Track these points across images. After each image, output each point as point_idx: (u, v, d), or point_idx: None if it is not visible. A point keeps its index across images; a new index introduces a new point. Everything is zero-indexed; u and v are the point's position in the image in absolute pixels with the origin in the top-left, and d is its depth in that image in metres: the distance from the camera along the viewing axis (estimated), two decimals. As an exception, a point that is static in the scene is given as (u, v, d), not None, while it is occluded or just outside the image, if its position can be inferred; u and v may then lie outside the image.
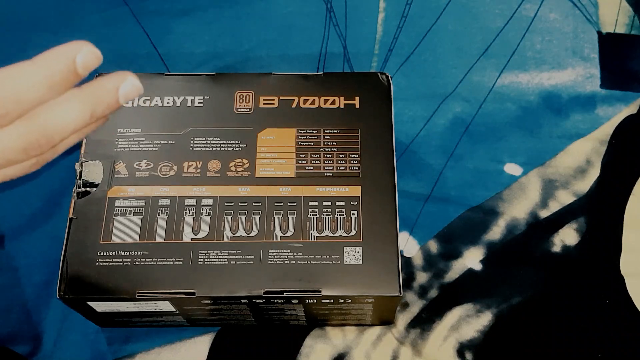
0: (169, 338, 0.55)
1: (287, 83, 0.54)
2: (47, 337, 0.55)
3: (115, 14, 0.69)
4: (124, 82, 0.31)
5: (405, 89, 0.65)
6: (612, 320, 0.55)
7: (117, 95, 0.31)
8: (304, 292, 0.47)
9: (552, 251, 0.58)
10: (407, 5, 0.69)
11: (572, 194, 0.60)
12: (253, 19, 0.69)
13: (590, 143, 0.62)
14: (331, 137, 0.52)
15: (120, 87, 0.31)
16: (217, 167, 0.51)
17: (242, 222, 0.49)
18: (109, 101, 0.31)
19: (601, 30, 0.67)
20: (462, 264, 0.57)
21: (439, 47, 0.67)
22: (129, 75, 0.32)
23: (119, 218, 0.49)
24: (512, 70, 0.66)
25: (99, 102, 0.31)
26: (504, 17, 0.68)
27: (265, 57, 0.67)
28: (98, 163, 0.50)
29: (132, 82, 0.32)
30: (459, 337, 0.54)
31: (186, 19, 0.69)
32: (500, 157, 0.62)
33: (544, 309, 0.55)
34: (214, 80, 0.54)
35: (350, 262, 0.48)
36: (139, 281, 0.47)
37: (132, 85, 0.32)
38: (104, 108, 0.31)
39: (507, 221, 0.59)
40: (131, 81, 0.32)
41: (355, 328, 0.55)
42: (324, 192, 0.50)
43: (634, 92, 0.64)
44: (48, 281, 0.57)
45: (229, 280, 0.47)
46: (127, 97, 0.31)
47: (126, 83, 0.31)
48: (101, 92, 0.31)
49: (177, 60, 0.67)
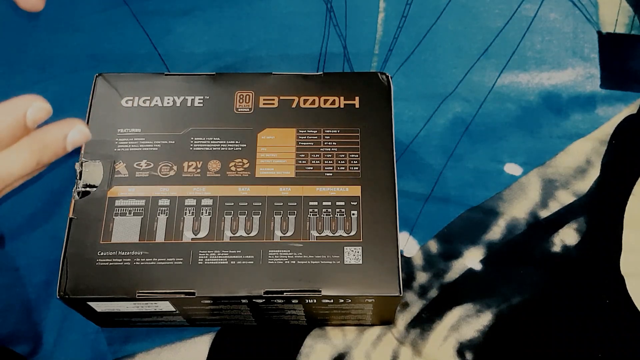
0: (169, 338, 0.55)
1: (287, 83, 0.54)
2: (47, 337, 0.55)
3: (115, 14, 0.69)
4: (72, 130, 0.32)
5: (405, 89, 0.65)
6: (612, 320, 0.55)
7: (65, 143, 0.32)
8: (304, 292, 0.47)
9: (552, 251, 0.58)
10: (407, 5, 0.69)
11: (572, 194, 0.60)
12: (253, 19, 0.69)
13: (590, 143, 0.62)
14: (331, 137, 0.52)
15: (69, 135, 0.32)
16: (217, 167, 0.51)
17: (242, 222, 0.49)
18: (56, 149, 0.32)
19: (601, 30, 0.67)
20: (462, 264, 0.57)
21: (439, 47, 0.67)
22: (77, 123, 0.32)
23: (119, 218, 0.49)
24: (512, 70, 0.66)
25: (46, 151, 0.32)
26: (504, 17, 0.68)
27: (265, 57, 0.67)
28: (98, 163, 0.50)
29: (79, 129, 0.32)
30: (459, 337, 0.54)
31: (186, 19, 0.69)
32: (500, 157, 0.62)
33: (544, 309, 0.55)
34: (214, 80, 0.54)
35: (350, 262, 0.48)
36: (139, 281, 0.47)
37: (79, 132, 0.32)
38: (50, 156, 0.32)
39: (507, 221, 0.59)
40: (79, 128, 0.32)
41: (355, 328, 0.55)
42: (324, 192, 0.50)
43: (634, 92, 0.64)
44: (48, 281, 0.57)
45: (229, 280, 0.47)
46: (75, 144, 0.32)
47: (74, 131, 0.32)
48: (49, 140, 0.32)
49: (177, 60, 0.67)
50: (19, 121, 0.30)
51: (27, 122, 0.31)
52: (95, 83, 0.54)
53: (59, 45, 0.68)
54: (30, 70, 0.66)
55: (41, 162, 0.32)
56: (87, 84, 0.54)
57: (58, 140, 0.32)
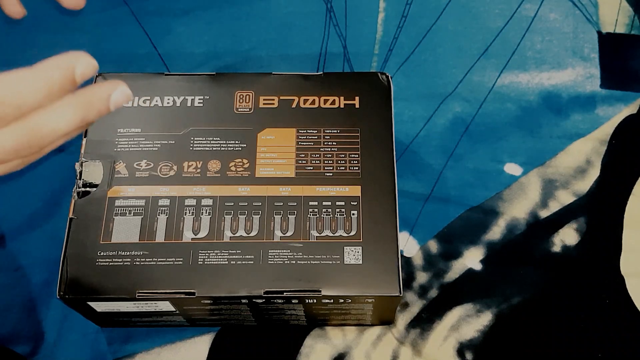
0: (169, 338, 0.55)
1: (287, 83, 0.54)
2: (47, 337, 0.55)
3: (115, 14, 0.69)
4: (116, 90, 0.33)
5: (405, 89, 0.65)
6: (612, 320, 0.55)
7: (109, 102, 0.33)
8: (304, 292, 0.47)
9: (552, 251, 0.58)
10: (407, 5, 0.69)
11: (572, 194, 0.60)
12: (253, 19, 0.69)
13: (590, 143, 0.62)
14: (331, 137, 0.52)
15: (112, 95, 0.33)
16: (217, 167, 0.51)
17: (242, 222, 0.49)
18: (100, 108, 0.33)
19: (601, 30, 0.67)
20: (462, 263, 0.57)
21: (439, 47, 0.67)
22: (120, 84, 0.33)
23: (119, 218, 0.49)
24: (512, 70, 0.66)
25: (91, 109, 0.32)
26: (504, 17, 0.68)
27: (265, 57, 0.67)
28: (98, 163, 0.50)
29: (122, 90, 0.33)
30: (459, 337, 0.54)
31: (186, 19, 0.69)
32: (500, 157, 0.62)
33: (544, 309, 0.55)
34: (214, 80, 0.54)
35: (350, 262, 0.48)
36: (139, 281, 0.47)
37: (122, 93, 0.33)
38: (94, 114, 0.32)
39: (507, 221, 0.59)
40: (122, 89, 0.33)
41: (355, 328, 0.55)
42: (324, 192, 0.50)
43: (634, 92, 0.64)
44: (48, 281, 0.57)
45: (229, 280, 0.47)
46: (117, 105, 0.33)
47: (117, 91, 0.33)
48: (94, 99, 0.32)
49: (177, 60, 0.67)
50: (68, 76, 0.31)
51: (75, 77, 0.31)
52: (95, 83, 0.54)
53: (59, 45, 0.68)
54: (30, 70, 0.66)
55: (85, 120, 0.32)
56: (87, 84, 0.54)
57: (103, 99, 0.33)
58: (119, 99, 0.33)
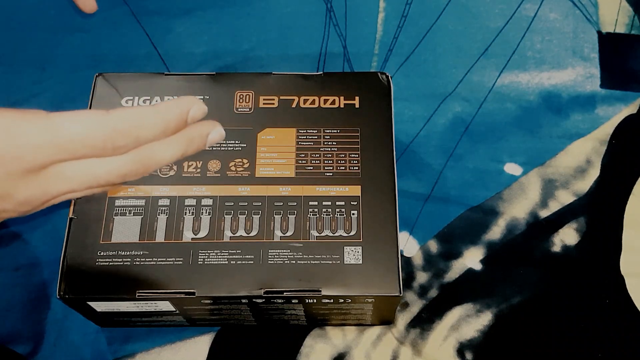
0: (169, 338, 0.55)
1: (287, 83, 0.54)
2: (47, 337, 0.55)
3: (115, 14, 0.69)
4: (213, 130, 0.37)
5: (405, 89, 0.65)
6: (612, 320, 0.55)
7: (206, 140, 0.37)
8: (304, 292, 0.47)
9: (552, 251, 0.58)
10: (407, 5, 0.69)
11: (572, 194, 0.60)
12: (253, 19, 0.69)
13: (590, 143, 0.62)
14: (331, 137, 0.52)
15: (210, 134, 0.37)
16: (217, 166, 0.51)
17: (242, 222, 0.49)
18: (198, 145, 0.36)
19: (601, 30, 0.67)
20: (462, 263, 0.57)
21: (439, 47, 0.67)
22: (217, 125, 0.37)
23: (119, 218, 0.49)
24: (512, 70, 0.66)
25: (191, 145, 0.36)
26: (504, 16, 0.68)
27: (265, 57, 0.67)
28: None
29: (218, 130, 0.37)
30: (459, 337, 0.54)
31: (186, 19, 0.69)
32: (500, 157, 0.62)
33: (544, 309, 0.55)
34: (214, 80, 0.54)
35: (350, 262, 0.48)
36: (139, 281, 0.47)
37: (218, 132, 0.37)
38: (193, 150, 0.36)
39: (507, 221, 0.59)
40: (218, 130, 0.37)
41: (355, 328, 0.55)
42: (324, 192, 0.50)
43: (634, 92, 0.64)
44: (48, 281, 0.57)
45: (229, 280, 0.47)
46: (212, 143, 0.37)
47: (214, 131, 0.37)
48: (195, 136, 0.36)
49: (177, 60, 0.67)
50: (183, 118, 0.35)
51: (188, 119, 0.35)
52: (95, 83, 0.54)
53: (59, 45, 0.68)
54: (30, 70, 0.66)
55: (184, 155, 0.36)
56: (87, 84, 0.54)
57: (202, 137, 0.36)
58: (215, 137, 0.37)
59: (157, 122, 0.34)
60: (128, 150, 0.34)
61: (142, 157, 0.35)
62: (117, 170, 0.34)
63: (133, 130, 0.33)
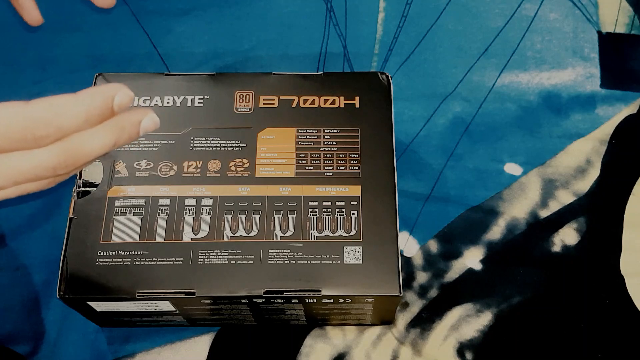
0: (169, 338, 0.55)
1: (287, 83, 0.54)
2: (47, 337, 0.55)
3: (115, 14, 0.69)
4: (146, 117, 0.36)
5: (405, 89, 0.65)
6: (612, 320, 0.55)
7: (139, 128, 0.36)
8: (304, 292, 0.47)
9: (552, 251, 0.58)
10: (407, 5, 0.69)
11: (572, 194, 0.60)
12: (253, 19, 0.69)
13: (590, 143, 0.62)
14: (331, 137, 0.52)
15: (142, 121, 0.36)
16: (217, 166, 0.51)
17: (242, 222, 0.49)
18: (131, 133, 0.36)
19: (601, 30, 0.67)
20: (462, 263, 0.57)
21: (439, 47, 0.67)
22: (149, 111, 0.36)
23: (119, 218, 0.49)
24: (512, 70, 0.66)
25: (123, 133, 0.35)
26: (504, 16, 0.68)
27: (265, 57, 0.67)
28: (98, 163, 0.50)
29: (151, 117, 0.36)
30: (459, 337, 0.54)
31: (186, 19, 0.69)
32: (500, 157, 0.62)
33: (544, 309, 0.55)
34: (214, 80, 0.54)
35: (350, 262, 0.48)
36: (139, 281, 0.47)
37: (151, 119, 0.36)
38: (125, 139, 0.35)
39: (507, 221, 0.59)
40: (151, 116, 0.36)
41: (355, 328, 0.55)
42: (324, 192, 0.50)
43: (634, 92, 0.64)
44: (48, 281, 0.57)
45: (229, 280, 0.47)
46: (146, 130, 0.36)
47: (147, 118, 0.36)
48: (126, 124, 0.35)
49: (177, 60, 0.67)
50: (108, 105, 0.34)
51: (114, 106, 0.34)
52: (95, 83, 0.54)
53: (59, 45, 0.68)
54: (30, 70, 0.66)
55: (117, 144, 0.35)
56: (87, 84, 0.54)
57: (134, 125, 0.36)
58: (148, 125, 0.36)
59: (79, 110, 0.33)
60: (52, 141, 0.33)
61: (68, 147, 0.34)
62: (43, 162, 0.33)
63: (53, 119, 0.32)
